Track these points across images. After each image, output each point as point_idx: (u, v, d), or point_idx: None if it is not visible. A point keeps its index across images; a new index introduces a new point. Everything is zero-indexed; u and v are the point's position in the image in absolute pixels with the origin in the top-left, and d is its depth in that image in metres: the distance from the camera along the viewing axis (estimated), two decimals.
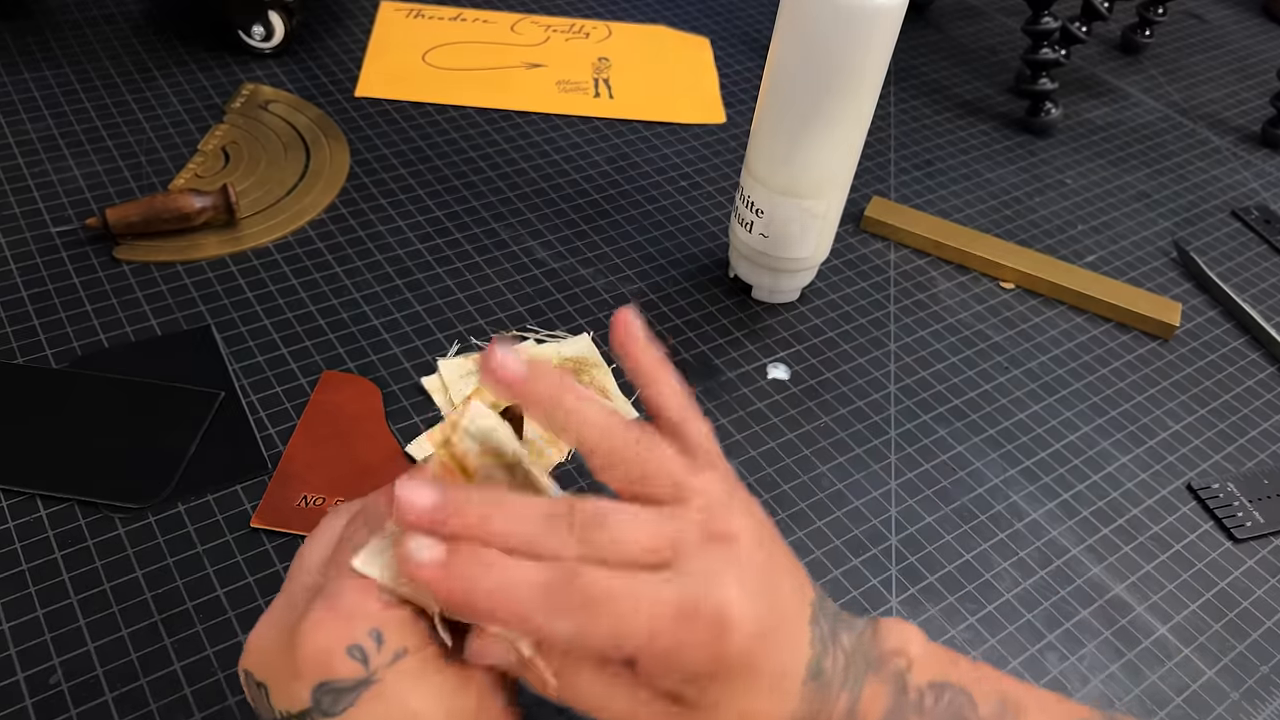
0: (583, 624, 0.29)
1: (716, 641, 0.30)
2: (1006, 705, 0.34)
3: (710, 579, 0.30)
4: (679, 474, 0.32)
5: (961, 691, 0.34)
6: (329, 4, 0.88)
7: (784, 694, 0.32)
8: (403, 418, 0.55)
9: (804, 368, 0.62)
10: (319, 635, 0.31)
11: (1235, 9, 1.10)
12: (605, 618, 0.30)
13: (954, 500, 0.56)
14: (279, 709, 0.32)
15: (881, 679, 0.34)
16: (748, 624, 0.30)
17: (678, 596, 0.30)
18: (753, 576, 0.31)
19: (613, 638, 0.30)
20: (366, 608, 0.31)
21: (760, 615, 0.31)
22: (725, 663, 0.30)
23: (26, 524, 0.48)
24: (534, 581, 0.30)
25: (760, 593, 0.31)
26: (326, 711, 0.31)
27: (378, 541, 0.32)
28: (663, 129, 0.80)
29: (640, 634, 0.30)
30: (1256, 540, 0.56)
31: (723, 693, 0.31)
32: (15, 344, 0.56)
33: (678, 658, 0.30)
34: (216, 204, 0.64)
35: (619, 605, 0.30)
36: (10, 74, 0.75)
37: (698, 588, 0.30)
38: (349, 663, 0.31)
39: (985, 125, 0.86)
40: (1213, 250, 0.76)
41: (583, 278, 0.65)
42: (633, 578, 0.30)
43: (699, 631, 0.30)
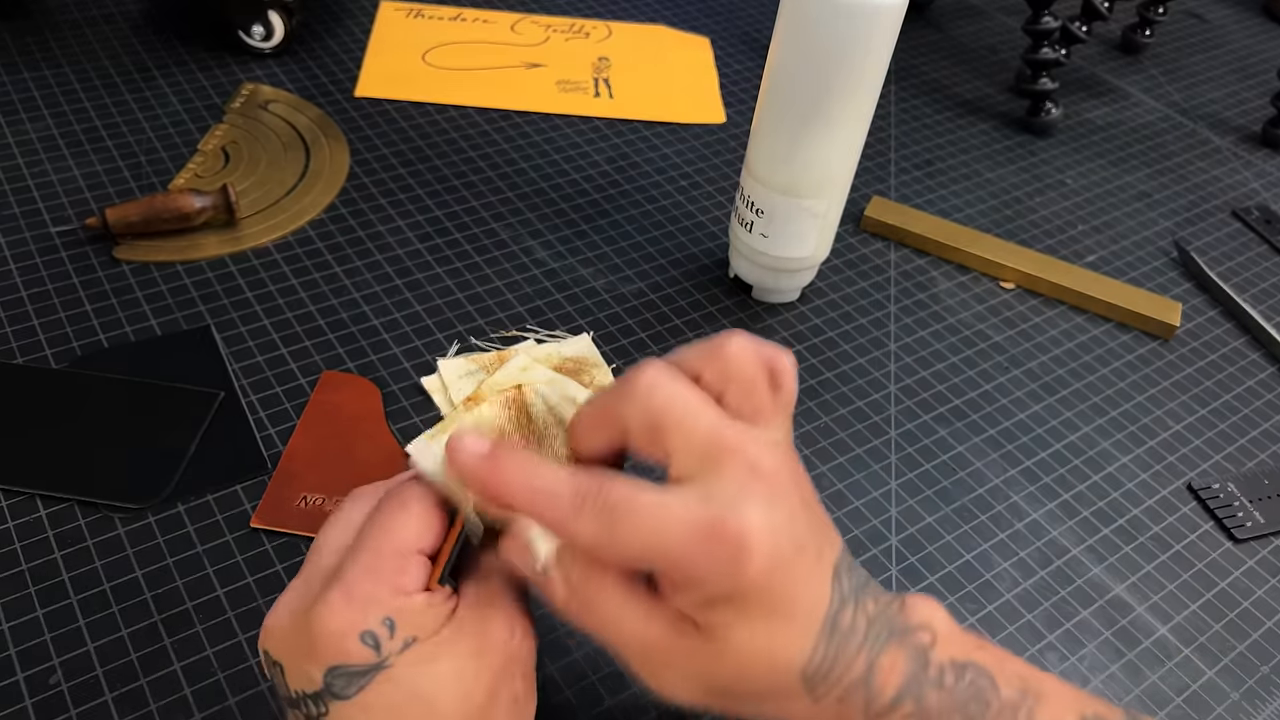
0: (607, 528, 0.31)
1: (735, 563, 0.30)
2: (1028, 690, 0.34)
3: (738, 503, 0.31)
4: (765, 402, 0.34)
5: (984, 673, 0.34)
6: (329, 4, 0.88)
7: (797, 635, 0.32)
8: (403, 418, 0.55)
9: (804, 368, 0.62)
10: (333, 620, 0.31)
11: (1235, 9, 1.10)
12: (628, 525, 0.31)
13: (954, 500, 0.56)
14: (293, 689, 0.32)
15: (903, 649, 0.33)
16: (767, 551, 0.31)
17: (703, 514, 0.30)
18: (782, 513, 0.32)
19: (634, 546, 0.31)
20: (380, 595, 0.32)
21: (781, 548, 0.31)
22: (741, 586, 0.31)
23: (26, 524, 0.48)
24: (567, 482, 0.32)
25: (786, 528, 0.32)
26: (338, 694, 0.31)
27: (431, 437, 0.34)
28: (663, 129, 0.80)
29: (661, 545, 0.31)
30: (1257, 540, 0.56)
31: (735, 619, 0.31)
32: (15, 344, 0.56)
33: (695, 573, 0.31)
34: (216, 204, 0.64)
35: (643, 516, 0.31)
36: (10, 74, 0.75)
37: (724, 509, 0.31)
38: (362, 648, 0.31)
39: (985, 125, 0.86)
40: (1213, 250, 0.76)
41: (583, 278, 0.65)
42: (662, 492, 0.31)
43: (719, 550, 0.30)
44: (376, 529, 0.33)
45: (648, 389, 0.33)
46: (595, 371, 0.59)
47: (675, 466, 0.32)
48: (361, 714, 0.31)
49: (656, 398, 0.32)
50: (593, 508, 0.31)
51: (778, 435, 0.34)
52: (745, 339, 0.34)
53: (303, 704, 0.32)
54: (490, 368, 0.58)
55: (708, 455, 0.32)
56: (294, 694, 0.32)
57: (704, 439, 0.32)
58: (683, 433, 0.32)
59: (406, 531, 0.33)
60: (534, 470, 0.32)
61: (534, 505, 0.32)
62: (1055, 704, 0.34)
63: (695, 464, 0.32)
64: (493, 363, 0.58)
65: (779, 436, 0.34)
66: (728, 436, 0.32)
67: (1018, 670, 0.34)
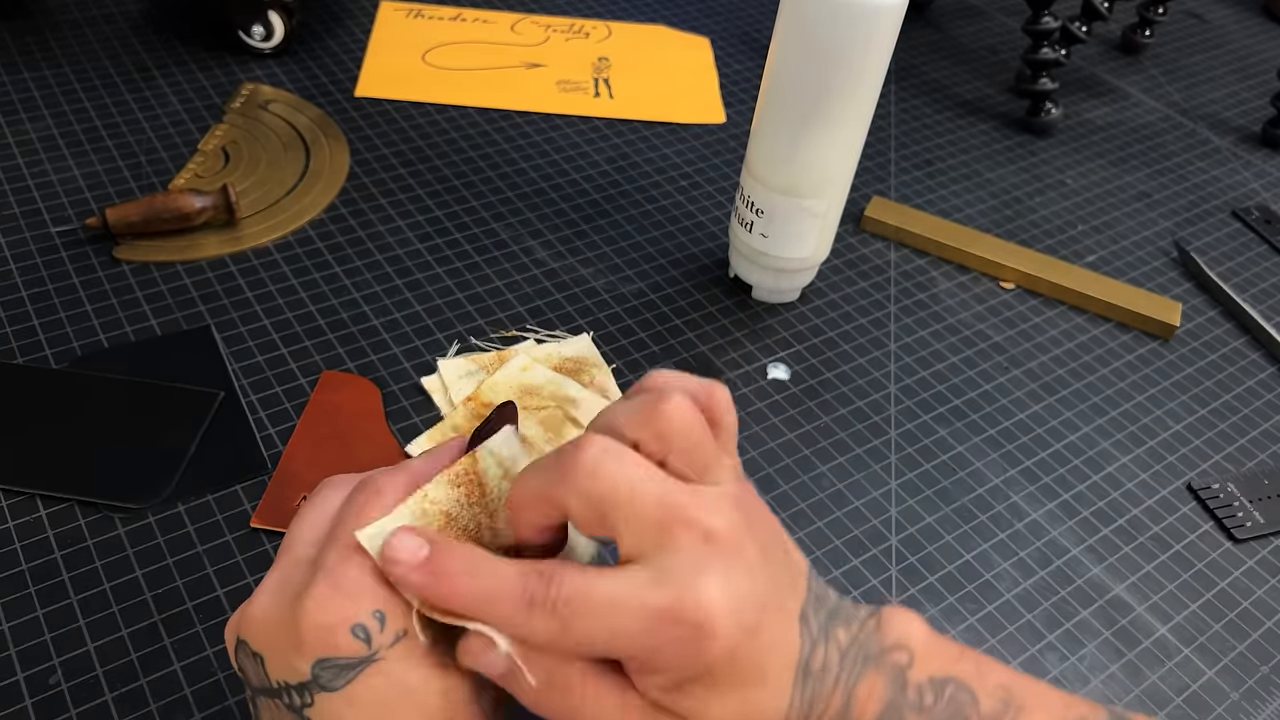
0: (562, 625, 0.30)
1: (698, 645, 0.29)
2: (1010, 702, 0.33)
3: (695, 580, 0.30)
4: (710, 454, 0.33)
5: (964, 687, 0.33)
6: (329, 4, 0.88)
7: (771, 696, 0.32)
8: (402, 418, 0.55)
9: (804, 368, 0.62)
10: (323, 613, 0.31)
11: (1235, 9, 1.10)
12: (583, 620, 0.30)
13: (954, 500, 0.56)
14: (275, 679, 0.32)
15: (880, 674, 0.33)
16: (730, 627, 0.30)
17: (659, 598, 0.29)
18: (741, 579, 0.31)
19: (593, 640, 0.30)
20: (371, 587, 0.32)
21: (744, 617, 0.30)
22: (709, 665, 0.30)
23: (26, 524, 0.48)
24: (513, 582, 0.30)
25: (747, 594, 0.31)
26: (326, 686, 0.31)
27: (383, 521, 0.32)
28: (663, 129, 0.80)
29: (620, 636, 0.30)
30: (1256, 540, 0.56)
31: (707, 697, 0.31)
32: (15, 344, 0.56)
33: (658, 660, 0.30)
34: (216, 204, 0.64)
35: (598, 608, 0.29)
36: (10, 74, 0.75)
37: (681, 590, 0.30)
38: (352, 641, 0.31)
39: (985, 125, 0.86)
40: (1213, 250, 0.76)
41: (583, 278, 0.65)
42: (615, 577, 0.30)
43: (680, 634, 0.29)
44: (353, 518, 0.33)
45: (590, 472, 0.31)
46: (595, 371, 0.59)
47: (625, 545, 0.31)
48: (347, 707, 0.31)
49: (600, 481, 0.31)
50: (544, 606, 0.30)
51: (726, 484, 0.33)
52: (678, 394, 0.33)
53: (285, 694, 0.32)
54: (490, 368, 0.58)
55: (659, 530, 0.30)
56: (275, 684, 0.32)
57: (653, 516, 0.30)
58: (631, 511, 0.31)
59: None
60: (478, 572, 0.31)
61: (482, 610, 0.31)
62: (1038, 713, 0.33)
63: (647, 541, 0.31)
64: (493, 363, 0.58)
65: (728, 485, 0.33)
66: (677, 506, 0.31)
67: (999, 680, 0.34)
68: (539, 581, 0.30)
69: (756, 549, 0.32)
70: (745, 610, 0.30)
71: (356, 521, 0.33)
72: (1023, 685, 0.34)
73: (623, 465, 0.31)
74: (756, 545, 0.32)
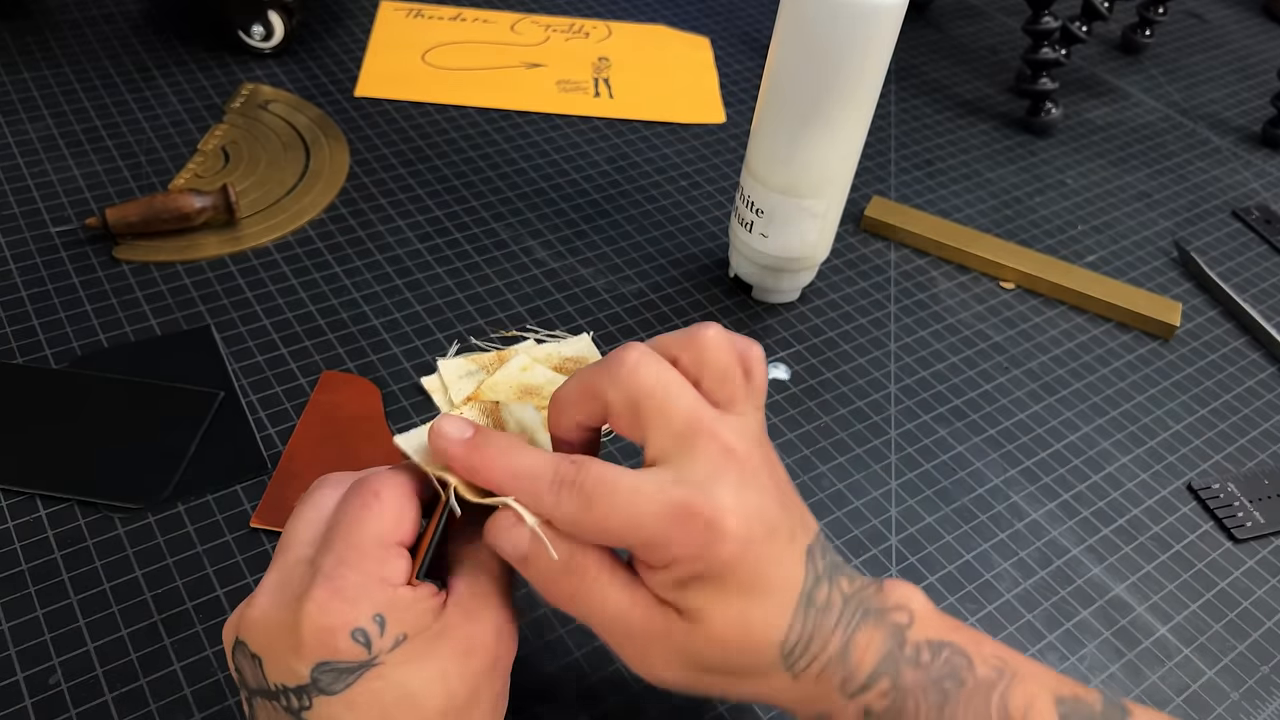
0: (584, 507, 0.32)
1: (707, 543, 0.31)
2: (1005, 669, 0.34)
3: (711, 485, 0.32)
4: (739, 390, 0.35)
5: (960, 651, 0.34)
6: (329, 4, 0.88)
7: (773, 612, 0.33)
8: (403, 418, 0.55)
9: (804, 368, 0.62)
10: (322, 617, 0.31)
11: (1235, 9, 1.10)
12: (604, 505, 0.32)
13: (954, 500, 0.56)
14: (274, 682, 0.32)
15: (879, 627, 0.34)
16: (738, 531, 0.32)
17: (676, 495, 0.32)
18: (753, 494, 0.33)
19: (610, 525, 0.32)
20: (370, 591, 0.32)
21: (752, 528, 0.32)
22: (714, 565, 0.32)
23: (26, 524, 0.48)
24: (546, 463, 0.33)
25: (757, 510, 0.33)
26: (325, 689, 0.31)
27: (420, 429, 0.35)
28: (663, 129, 0.80)
29: (635, 525, 0.32)
30: (1256, 540, 0.56)
31: (711, 598, 0.32)
32: (15, 344, 0.56)
33: (668, 553, 0.32)
34: (216, 204, 0.64)
35: (619, 496, 0.32)
36: (10, 74, 0.75)
37: (696, 490, 0.32)
38: (352, 646, 0.31)
39: (985, 125, 0.86)
40: (1213, 250, 0.76)
41: (583, 278, 0.66)
42: (638, 474, 0.32)
43: (691, 531, 0.31)
44: (351, 520, 0.33)
45: (631, 369, 0.34)
46: None
47: (651, 447, 0.33)
48: (346, 710, 0.31)
49: (638, 378, 0.33)
50: (570, 488, 0.32)
51: (750, 423, 0.35)
52: (719, 329, 0.36)
53: (283, 696, 0.32)
54: (490, 368, 0.58)
55: (683, 438, 0.33)
56: (273, 686, 0.32)
57: (681, 422, 0.33)
58: (661, 415, 0.33)
59: (383, 522, 0.33)
60: (515, 452, 0.34)
61: (515, 486, 0.33)
62: (1031, 683, 0.34)
63: (671, 446, 0.33)
64: (493, 363, 0.58)
65: (752, 424, 0.35)
66: (703, 420, 0.33)
67: (994, 651, 0.35)
68: (569, 466, 0.33)
69: (770, 479, 0.34)
70: (754, 521, 0.32)
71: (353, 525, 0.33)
72: (1016, 658, 0.35)
73: (660, 370, 0.34)
74: (770, 475, 0.34)
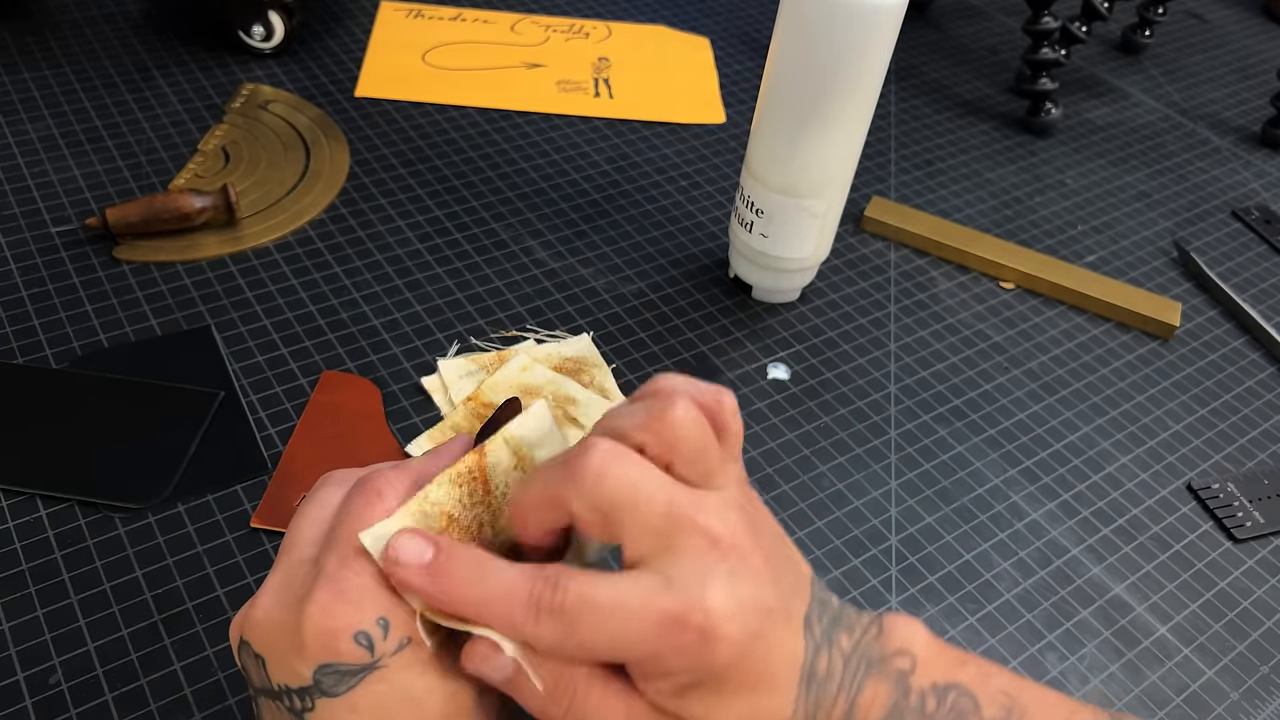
0: (567, 630, 0.30)
1: (703, 652, 0.30)
2: (1013, 708, 0.34)
3: (699, 587, 0.30)
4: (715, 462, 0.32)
5: (966, 693, 0.34)
6: (329, 4, 0.88)
7: (777, 702, 0.32)
8: (402, 418, 0.55)
9: (804, 368, 0.62)
10: (326, 618, 0.31)
11: (1235, 9, 1.10)
12: (589, 625, 0.30)
13: (954, 500, 0.56)
14: (277, 682, 0.32)
15: (882, 680, 0.33)
16: (735, 633, 0.30)
17: (665, 604, 0.29)
18: (745, 584, 0.31)
19: (598, 645, 0.30)
20: (374, 594, 0.31)
21: (749, 623, 0.30)
22: (714, 669, 0.30)
23: (26, 524, 0.48)
24: (519, 586, 0.30)
25: (751, 600, 0.31)
26: (328, 691, 0.31)
27: (386, 523, 0.32)
28: (663, 129, 0.80)
29: (625, 641, 0.30)
30: (1256, 540, 0.56)
31: (712, 703, 0.31)
32: (15, 344, 0.56)
33: (663, 666, 0.30)
34: (216, 204, 0.64)
35: (603, 613, 0.29)
36: (10, 74, 0.75)
37: (686, 596, 0.30)
38: (355, 648, 0.31)
39: (985, 125, 0.86)
40: (1213, 250, 0.76)
41: (583, 278, 0.65)
42: (620, 581, 0.30)
43: (685, 640, 0.29)
44: (354, 519, 0.33)
45: (596, 477, 0.31)
46: (595, 371, 0.59)
47: (630, 549, 0.31)
48: (349, 713, 0.31)
49: (606, 485, 0.31)
50: (549, 610, 0.30)
51: (730, 491, 0.33)
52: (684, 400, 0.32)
53: (286, 697, 0.32)
54: (490, 368, 0.58)
55: (664, 535, 0.30)
56: (277, 687, 0.32)
57: (658, 520, 0.31)
58: (636, 516, 0.31)
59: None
60: (483, 576, 0.31)
61: (487, 615, 0.31)
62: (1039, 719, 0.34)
63: (652, 545, 0.31)
64: (493, 363, 0.58)
65: (732, 491, 0.33)
66: (683, 512, 0.31)
67: (1002, 686, 0.34)
68: (544, 586, 0.30)
69: (761, 555, 0.32)
70: (750, 615, 0.30)
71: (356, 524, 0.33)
72: (1025, 690, 0.34)
73: (629, 469, 0.31)
74: (761, 551, 0.32)
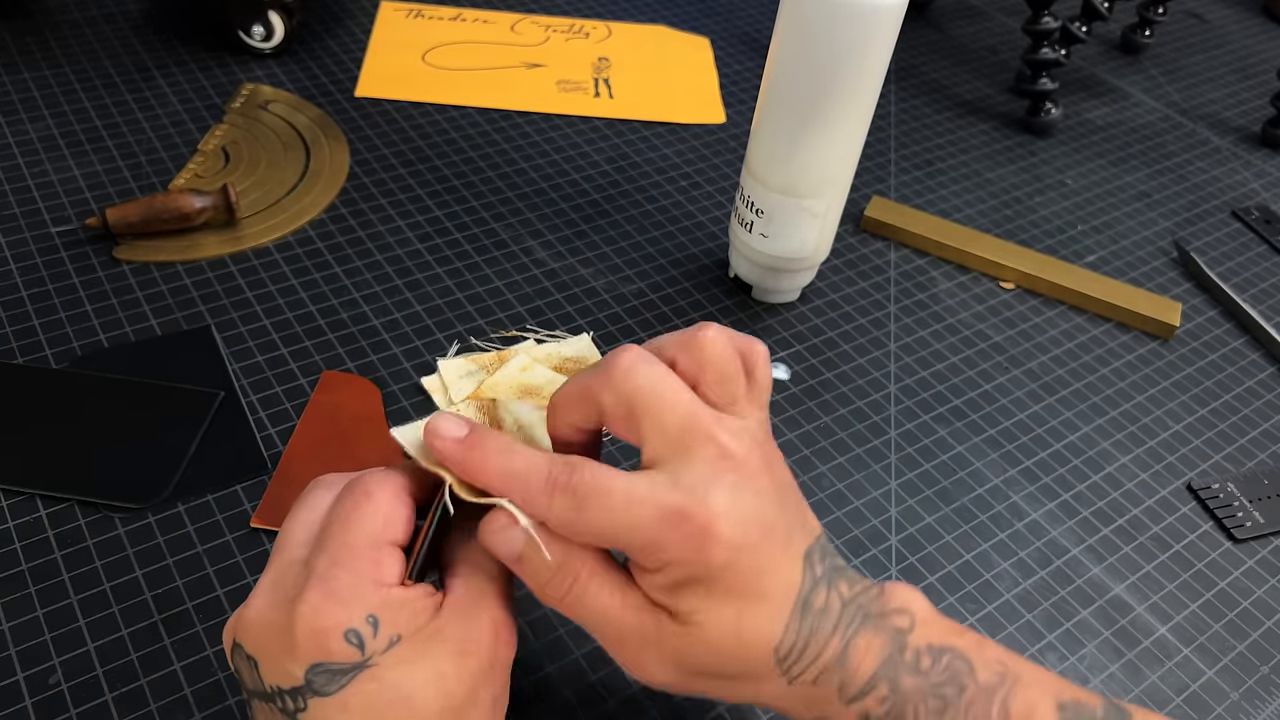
0: (577, 509, 0.32)
1: (700, 547, 0.31)
2: (1006, 674, 0.34)
3: (705, 488, 0.32)
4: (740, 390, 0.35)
5: (961, 656, 0.34)
6: (329, 4, 0.88)
7: (767, 616, 0.33)
8: (403, 418, 0.55)
9: (804, 368, 0.62)
10: (316, 619, 0.31)
11: (1235, 9, 1.10)
12: (598, 508, 0.32)
13: (954, 500, 0.56)
14: (269, 683, 0.32)
15: (879, 633, 0.34)
16: (732, 535, 0.32)
17: (670, 499, 0.31)
18: (748, 497, 0.33)
19: (603, 527, 0.32)
20: (364, 592, 0.32)
21: (748, 531, 0.32)
22: (708, 569, 0.32)
23: (26, 524, 0.48)
24: (541, 464, 0.33)
25: (752, 512, 0.33)
26: (319, 691, 0.31)
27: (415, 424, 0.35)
28: (663, 129, 0.80)
29: (628, 528, 0.32)
30: (1256, 540, 0.56)
31: (704, 601, 0.32)
32: (15, 344, 0.56)
33: (662, 556, 0.32)
34: (216, 204, 0.64)
35: (612, 499, 0.32)
36: (10, 74, 0.75)
37: (690, 494, 0.32)
38: (345, 647, 0.31)
39: (985, 125, 0.86)
40: (1213, 250, 0.76)
41: (583, 278, 0.66)
42: (632, 477, 0.32)
43: (684, 534, 0.31)
44: (343, 520, 0.33)
45: (625, 372, 0.33)
46: None
47: (648, 450, 0.33)
48: (340, 712, 0.31)
49: (633, 381, 0.33)
50: (564, 490, 0.32)
51: (751, 422, 0.35)
52: (719, 329, 0.35)
53: (279, 698, 0.32)
54: (490, 368, 0.58)
55: (679, 440, 0.33)
56: (269, 688, 0.32)
57: (677, 424, 0.33)
58: (657, 417, 0.33)
59: (374, 522, 0.33)
60: (509, 453, 0.33)
61: (509, 486, 0.33)
62: (1032, 688, 0.34)
63: (667, 449, 0.33)
64: (493, 363, 0.59)
65: (752, 424, 0.35)
66: (700, 422, 0.33)
67: (996, 655, 0.35)
68: (564, 468, 0.32)
69: (769, 481, 0.34)
70: (749, 525, 0.32)
71: (346, 525, 0.33)
72: (1018, 663, 0.35)
73: (656, 372, 0.34)
74: (770, 479, 0.34)
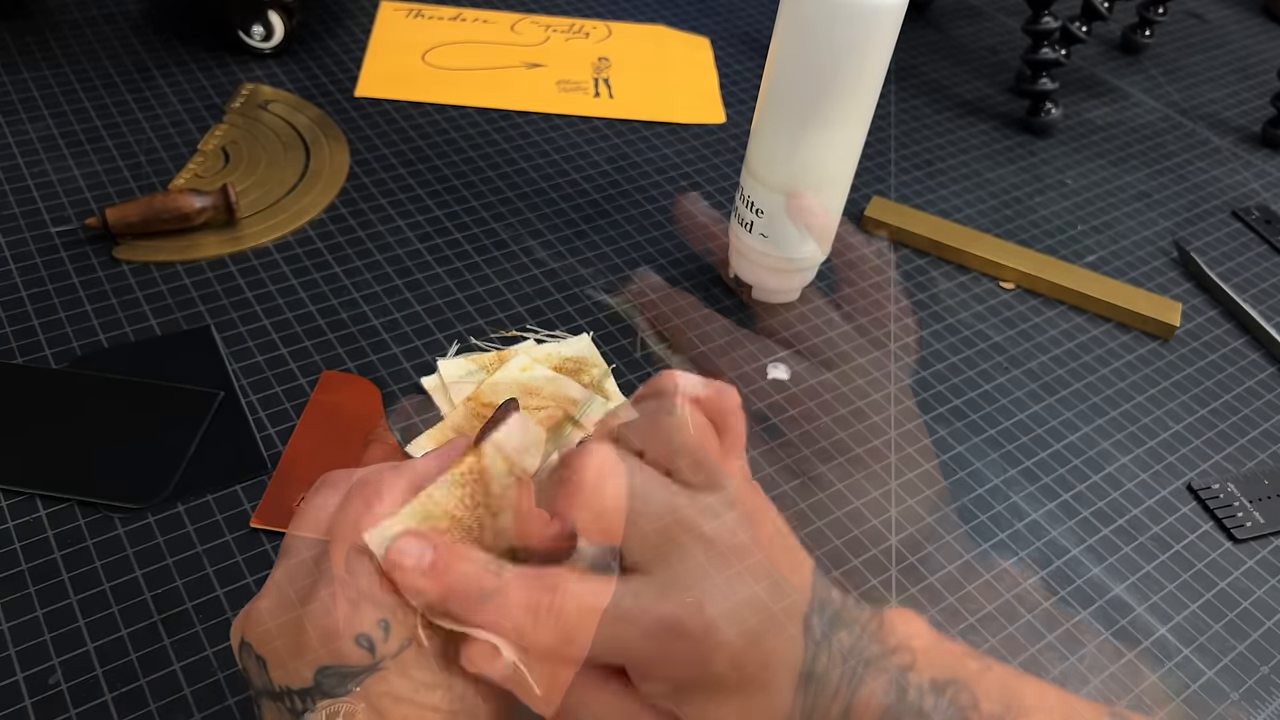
0: (566, 635, 0.30)
1: (702, 653, 0.30)
2: (1011, 705, 0.34)
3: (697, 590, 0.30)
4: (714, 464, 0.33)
5: (965, 689, 0.34)
6: (329, 4, 0.88)
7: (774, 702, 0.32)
8: (402, 418, 0.55)
9: (804, 368, 0.62)
10: (327, 620, 0.31)
11: (1235, 9, 1.10)
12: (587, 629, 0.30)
13: (954, 500, 0.56)
14: (278, 684, 0.32)
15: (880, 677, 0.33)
16: (733, 637, 0.30)
17: (661, 613, 0.30)
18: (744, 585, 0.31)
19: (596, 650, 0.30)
20: (375, 596, 0.31)
21: (748, 627, 0.30)
22: (712, 673, 0.30)
23: (26, 524, 0.48)
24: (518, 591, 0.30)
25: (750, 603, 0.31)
26: (329, 693, 0.31)
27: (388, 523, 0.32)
28: (663, 129, 0.80)
29: (623, 646, 0.30)
30: (1256, 540, 0.56)
31: (710, 703, 0.31)
32: (15, 344, 0.56)
33: (663, 668, 0.30)
34: (216, 204, 0.64)
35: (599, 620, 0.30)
36: (10, 74, 0.75)
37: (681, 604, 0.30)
38: (356, 651, 0.31)
39: (985, 125, 0.86)
40: (1213, 250, 0.76)
41: (583, 278, 0.65)
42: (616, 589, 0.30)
43: (683, 649, 0.30)
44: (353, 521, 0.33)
45: (595, 485, 0.31)
46: (595, 371, 0.59)
47: (630, 554, 0.31)
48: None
49: (604, 494, 0.31)
50: (548, 615, 0.30)
51: (730, 489, 0.33)
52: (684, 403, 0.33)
53: (288, 698, 0.32)
54: (490, 368, 0.58)
55: (662, 540, 0.31)
56: (278, 688, 0.32)
57: (655, 529, 0.31)
58: (635, 523, 0.31)
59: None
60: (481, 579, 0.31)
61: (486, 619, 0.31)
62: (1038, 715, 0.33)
63: (651, 550, 0.31)
64: (493, 363, 0.58)
65: (731, 490, 0.33)
66: (681, 518, 0.31)
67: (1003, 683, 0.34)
68: (543, 591, 0.30)
69: (761, 555, 0.32)
70: (748, 618, 0.31)
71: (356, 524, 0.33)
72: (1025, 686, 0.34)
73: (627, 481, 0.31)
74: (761, 551, 0.32)
